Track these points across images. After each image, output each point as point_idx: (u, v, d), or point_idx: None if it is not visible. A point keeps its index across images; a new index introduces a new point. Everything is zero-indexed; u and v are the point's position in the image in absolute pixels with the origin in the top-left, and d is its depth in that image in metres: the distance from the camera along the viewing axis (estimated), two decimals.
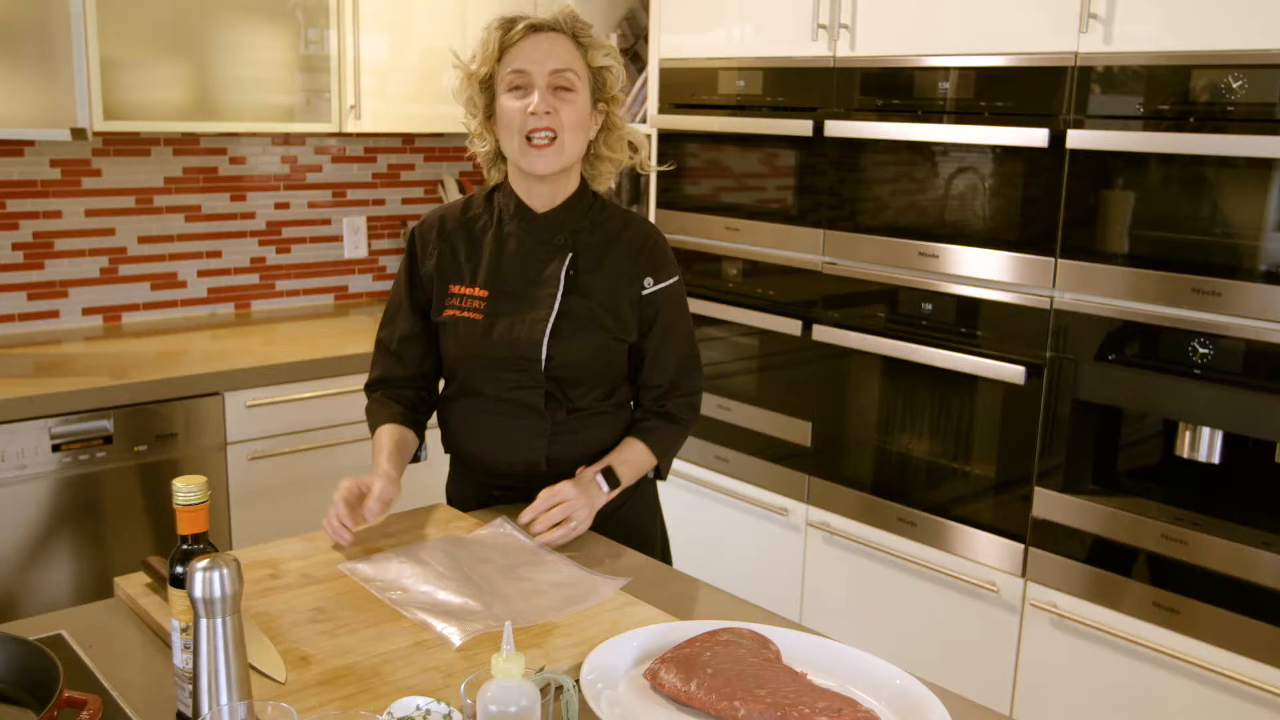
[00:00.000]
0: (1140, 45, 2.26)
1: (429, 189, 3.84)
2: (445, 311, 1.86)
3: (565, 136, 1.77)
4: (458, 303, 1.85)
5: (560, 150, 1.78)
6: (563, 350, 1.81)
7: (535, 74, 1.76)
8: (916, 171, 2.69)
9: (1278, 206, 2.12)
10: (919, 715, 1.26)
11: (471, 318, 1.83)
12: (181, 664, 1.23)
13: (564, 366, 1.82)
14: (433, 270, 1.89)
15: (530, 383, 1.83)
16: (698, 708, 1.26)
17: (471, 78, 1.83)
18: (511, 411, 1.85)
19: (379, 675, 1.32)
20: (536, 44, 1.77)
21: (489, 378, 1.84)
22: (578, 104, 1.78)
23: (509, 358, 1.82)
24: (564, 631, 1.44)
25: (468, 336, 1.83)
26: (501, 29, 1.79)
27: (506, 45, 1.78)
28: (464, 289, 1.85)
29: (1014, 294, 2.53)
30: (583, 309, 1.82)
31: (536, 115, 1.75)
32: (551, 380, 1.83)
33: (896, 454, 2.84)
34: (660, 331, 1.90)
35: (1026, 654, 2.59)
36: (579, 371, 1.84)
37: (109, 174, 3.20)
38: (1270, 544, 2.20)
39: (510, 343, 1.81)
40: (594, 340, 1.83)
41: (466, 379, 1.88)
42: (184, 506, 1.22)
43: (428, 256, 1.90)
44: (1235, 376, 2.19)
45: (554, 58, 1.76)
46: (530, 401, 1.84)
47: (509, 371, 1.83)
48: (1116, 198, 2.34)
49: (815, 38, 2.84)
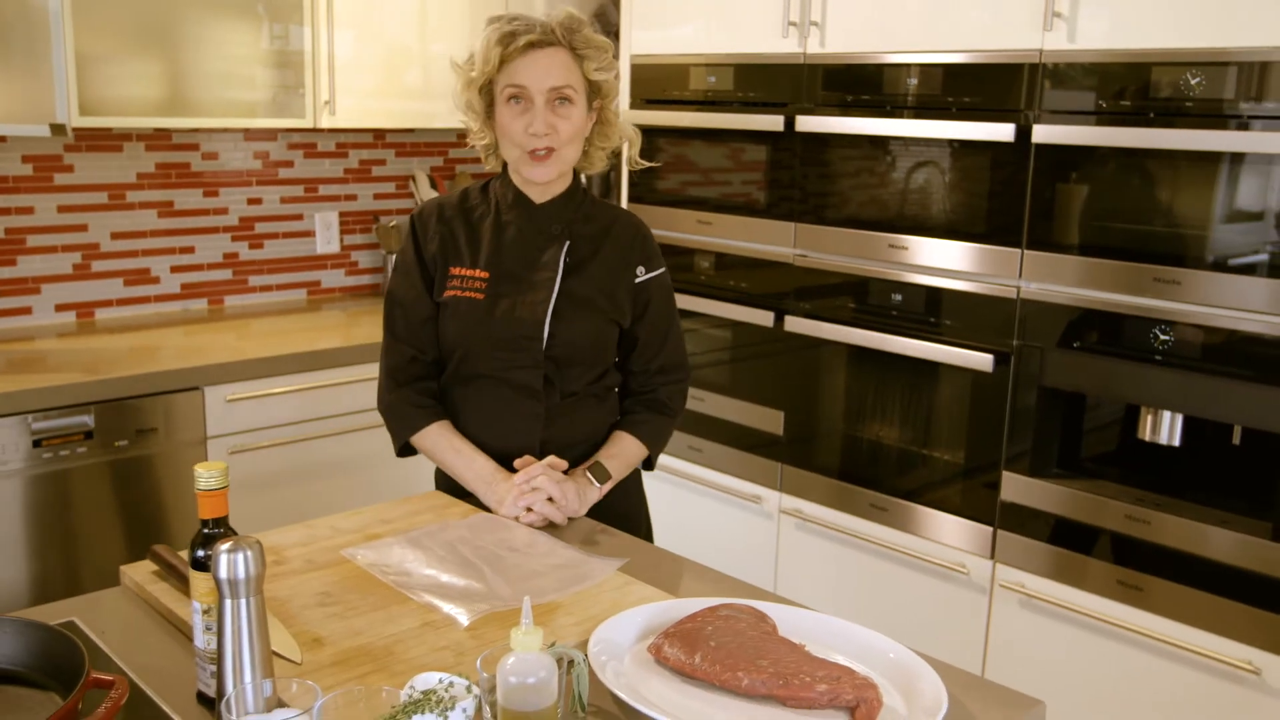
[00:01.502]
0: (1102, 43, 2.35)
1: (400, 184, 3.87)
2: (447, 292, 1.91)
3: (563, 150, 1.86)
4: (459, 283, 1.90)
5: (559, 160, 1.86)
6: (564, 330, 1.88)
7: (534, 91, 1.81)
8: (886, 165, 2.77)
9: (1233, 199, 2.21)
10: (912, 683, 1.32)
11: (474, 297, 1.89)
12: (203, 645, 1.27)
13: (564, 345, 1.88)
14: (435, 252, 1.93)
15: (529, 363, 1.88)
16: (702, 679, 1.31)
17: (470, 84, 1.87)
18: (509, 394, 1.90)
19: (392, 654, 1.36)
20: (535, 60, 1.81)
21: (489, 357, 1.89)
22: (575, 116, 1.85)
23: (511, 337, 1.87)
24: (567, 610, 1.49)
25: (470, 315, 1.89)
26: (501, 43, 1.81)
27: (505, 59, 1.82)
28: (465, 270, 1.91)
29: (981, 284, 2.61)
30: (581, 292, 1.90)
31: (537, 135, 1.81)
32: (550, 361, 1.89)
33: (868, 441, 2.91)
34: (651, 317, 1.98)
35: (996, 633, 2.67)
36: (577, 352, 1.90)
37: (81, 170, 3.20)
38: (1228, 522, 2.30)
39: (512, 322, 1.87)
40: (592, 321, 1.90)
41: (465, 360, 1.92)
42: (205, 491, 1.25)
43: (429, 240, 1.94)
44: (1194, 362, 2.28)
45: (552, 75, 1.81)
46: (528, 382, 1.89)
47: (510, 351, 1.88)
48: (1080, 191, 2.42)
49: (786, 35, 2.90)
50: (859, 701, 1.25)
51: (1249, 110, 2.16)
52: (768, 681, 1.28)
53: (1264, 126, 2.14)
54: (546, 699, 1.15)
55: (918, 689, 1.31)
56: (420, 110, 3.48)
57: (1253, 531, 2.25)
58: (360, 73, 3.32)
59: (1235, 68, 2.17)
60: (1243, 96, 2.16)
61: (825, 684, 1.26)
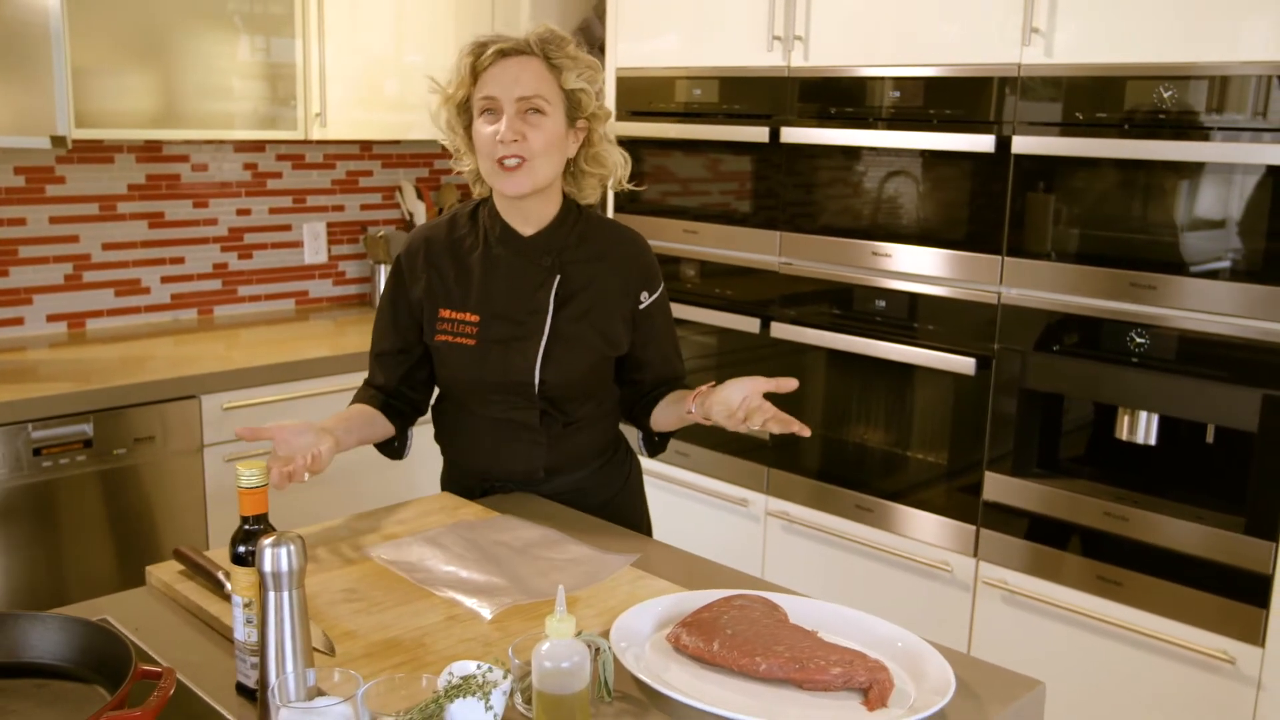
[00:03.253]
0: (1079, 57, 2.44)
1: (387, 195, 3.92)
2: (438, 337, 1.90)
3: (535, 161, 1.80)
4: (450, 328, 1.89)
5: (531, 173, 1.80)
6: (555, 373, 1.88)
7: (503, 99, 1.78)
8: (869, 175, 2.85)
9: (1205, 207, 2.31)
10: (920, 666, 1.39)
11: (464, 344, 1.88)
12: (244, 637, 1.32)
13: (557, 387, 1.89)
14: (421, 295, 1.92)
15: (524, 404, 1.90)
16: (720, 664, 1.38)
17: (448, 101, 1.86)
18: (508, 430, 1.92)
19: (422, 646, 1.42)
20: (505, 69, 1.79)
21: (483, 400, 1.92)
22: (547, 127, 1.80)
23: (503, 383, 1.88)
24: (586, 603, 1.55)
25: (460, 363, 1.89)
26: (472, 54, 1.81)
27: (478, 70, 1.81)
28: (454, 314, 1.89)
29: (962, 290, 2.69)
30: (572, 331, 1.88)
31: (504, 143, 1.77)
32: (545, 399, 1.90)
33: (853, 444, 2.99)
34: (656, 338, 1.99)
35: (979, 629, 2.75)
36: (571, 390, 1.91)
37: (72, 181, 3.23)
38: (1202, 517, 2.39)
39: (504, 369, 1.87)
40: (585, 360, 1.90)
41: (461, 400, 1.95)
42: (247, 489, 1.30)
43: (415, 281, 1.93)
44: (1170, 364, 2.37)
45: (521, 84, 1.79)
46: (525, 420, 1.91)
47: (504, 394, 1.89)
48: (1059, 199, 2.52)
49: (770, 48, 2.98)
50: (872, 683, 1.32)
51: (1219, 122, 2.26)
52: (784, 666, 1.34)
53: (1225, 138, 2.24)
54: (580, 683, 1.21)
55: (925, 672, 1.38)
56: (410, 122, 3.53)
57: (1226, 526, 2.34)
58: (350, 85, 3.37)
59: (1205, 81, 2.27)
60: (1212, 109, 2.26)
61: (839, 667, 1.33)
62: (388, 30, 3.44)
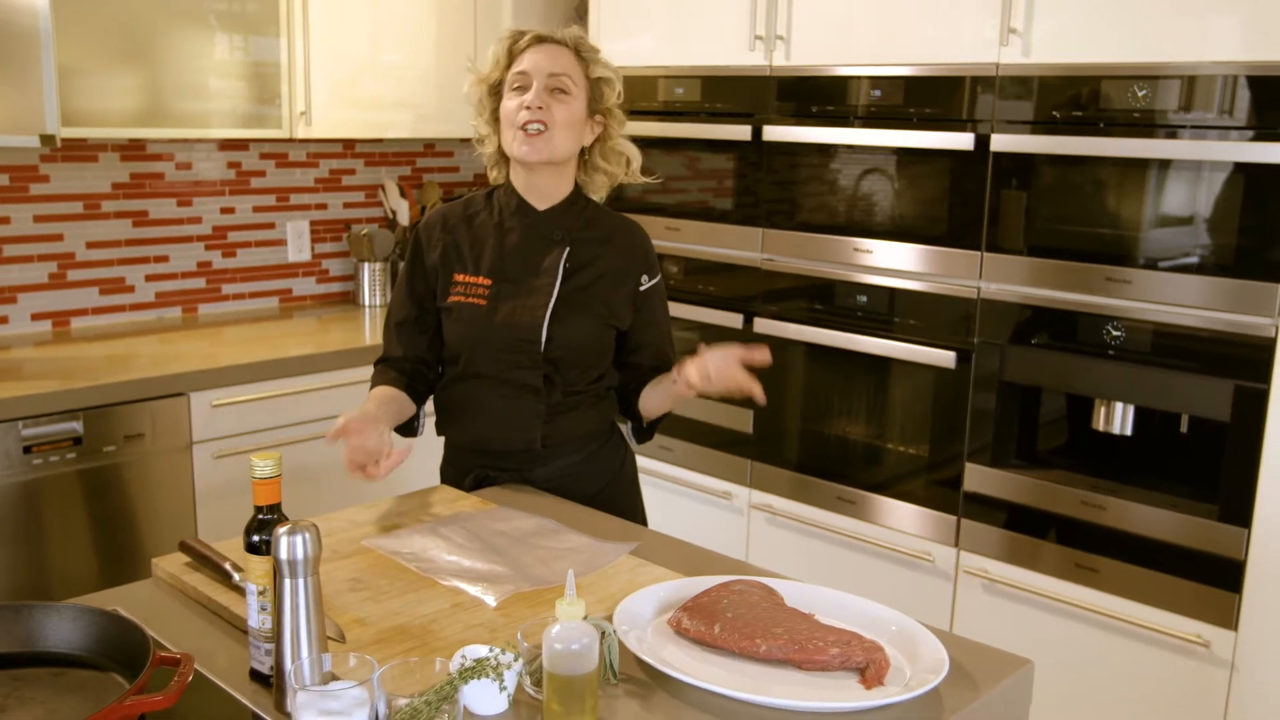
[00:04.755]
0: (1055, 57, 2.50)
1: (370, 193, 3.93)
2: (450, 298, 2.01)
3: (555, 131, 1.93)
4: (463, 289, 2.00)
5: (549, 141, 1.93)
6: (561, 332, 1.97)
7: (534, 75, 1.94)
8: (850, 173, 2.90)
9: (1178, 202, 2.38)
10: (914, 647, 1.44)
11: (476, 303, 1.98)
12: (258, 624, 1.35)
13: (561, 347, 1.98)
14: (437, 261, 2.03)
15: (529, 363, 1.98)
16: (722, 647, 1.42)
17: (482, 82, 2.00)
18: (511, 392, 1.99)
19: (430, 632, 1.45)
20: (540, 51, 1.96)
21: (491, 359, 1.99)
22: (571, 105, 1.95)
23: (511, 340, 1.97)
24: (587, 589, 1.59)
25: (472, 319, 1.98)
26: (511, 39, 1.98)
27: (514, 53, 1.96)
28: (468, 277, 2.01)
29: (942, 285, 2.75)
30: (579, 296, 1.99)
31: (530, 110, 1.92)
32: (549, 362, 1.98)
33: (835, 437, 3.04)
34: (653, 321, 2.10)
35: (961, 617, 2.81)
36: (574, 353, 1.99)
37: (57, 180, 3.23)
38: (1177, 505, 2.46)
39: (512, 326, 1.97)
40: (590, 325, 2.00)
41: (469, 361, 2.01)
42: (261, 480, 1.33)
43: (432, 249, 2.05)
44: (1145, 356, 2.44)
45: (554, 63, 1.94)
46: (529, 382, 1.98)
47: (510, 353, 1.98)
48: (1037, 196, 2.58)
49: (753, 48, 3.03)
50: (868, 662, 1.37)
51: (1189, 120, 2.32)
52: (784, 647, 1.39)
53: (1195, 136, 2.30)
54: (590, 665, 1.25)
55: (919, 652, 1.43)
56: (391, 120, 3.55)
57: (1200, 513, 2.41)
58: (334, 84, 3.39)
59: (1176, 81, 2.33)
60: (1183, 108, 2.33)
61: (837, 648, 1.38)
62: (370, 30, 3.46)
